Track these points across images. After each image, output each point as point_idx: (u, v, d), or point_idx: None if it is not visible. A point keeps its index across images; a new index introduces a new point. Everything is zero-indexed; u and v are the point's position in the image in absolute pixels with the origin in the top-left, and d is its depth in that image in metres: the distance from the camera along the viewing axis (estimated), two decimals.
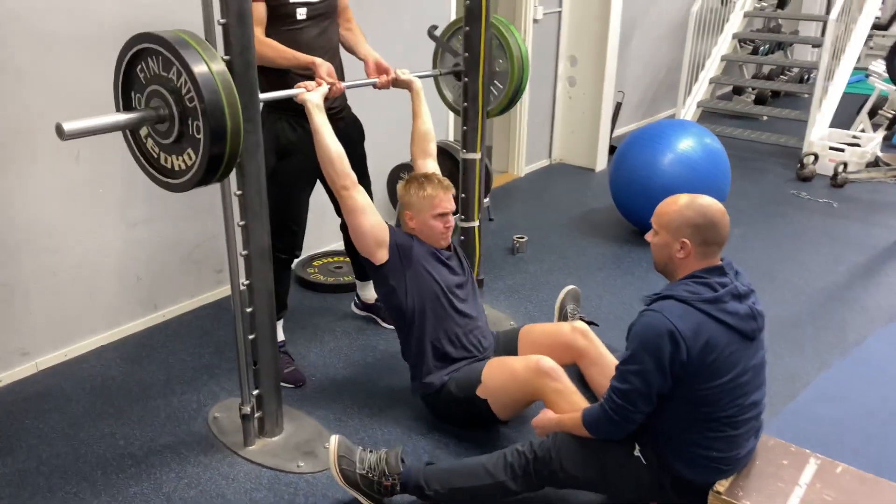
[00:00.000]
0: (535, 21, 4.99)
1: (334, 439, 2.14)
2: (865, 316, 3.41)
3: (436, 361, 2.50)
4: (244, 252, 2.24)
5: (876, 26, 8.15)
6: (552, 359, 2.30)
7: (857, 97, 6.83)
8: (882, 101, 6.50)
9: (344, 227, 2.73)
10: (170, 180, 2.01)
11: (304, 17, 2.56)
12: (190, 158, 1.93)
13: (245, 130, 1.99)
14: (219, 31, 2.02)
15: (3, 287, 2.68)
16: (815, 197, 5.00)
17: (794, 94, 7.24)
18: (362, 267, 2.78)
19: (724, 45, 6.59)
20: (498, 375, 2.34)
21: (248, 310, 2.29)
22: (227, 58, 2.02)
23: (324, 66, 2.46)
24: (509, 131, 5.24)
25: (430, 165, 2.74)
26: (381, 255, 2.47)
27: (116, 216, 2.95)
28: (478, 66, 2.90)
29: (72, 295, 2.89)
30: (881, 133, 6.16)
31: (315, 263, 3.76)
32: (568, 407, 2.18)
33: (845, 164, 5.27)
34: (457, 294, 2.54)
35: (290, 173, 2.63)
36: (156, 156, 2.03)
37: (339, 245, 3.54)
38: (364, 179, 2.92)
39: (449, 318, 2.51)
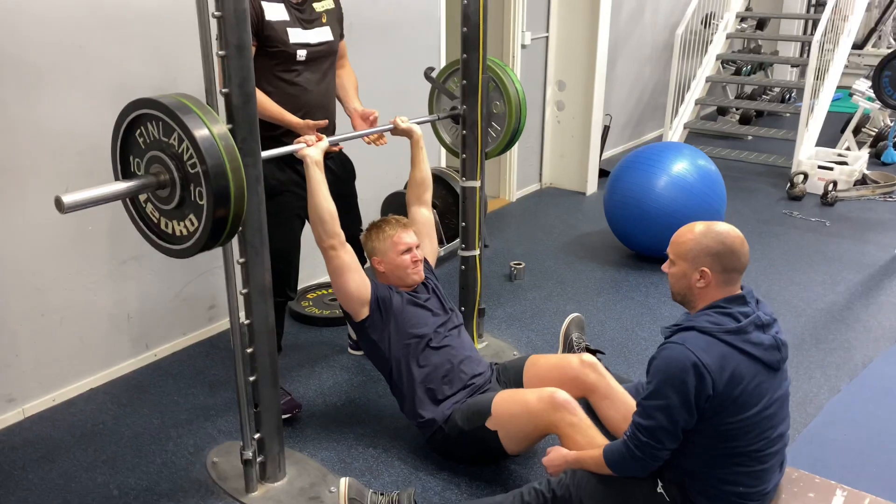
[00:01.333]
0: (523, 46, 4.98)
1: (344, 482, 2.05)
2: (869, 336, 3.37)
3: (431, 404, 2.44)
4: (244, 290, 2.16)
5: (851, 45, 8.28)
6: None
7: (839, 115, 6.90)
8: (865, 119, 6.57)
9: None
10: (172, 246, 1.95)
11: (304, 58, 2.52)
12: (192, 224, 1.87)
13: (245, 164, 1.92)
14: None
15: None
16: (806, 216, 5.01)
17: (777, 113, 7.29)
18: None
19: (708, 66, 6.63)
20: (509, 407, 2.26)
21: (249, 350, 2.20)
22: (226, 90, 1.95)
23: (308, 129, 2.42)
24: (499, 156, 5.19)
25: (423, 213, 2.75)
26: (364, 312, 2.47)
27: (105, 253, 2.85)
28: (476, 94, 2.86)
29: (60, 336, 2.78)
30: (866, 151, 6.21)
31: (309, 296, 3.67)
32: (584, 442, 2.11)
33: (835, 183, 5.29)
34: (440, 333, 2.53)
35: (279, 213, 2.55)
36: (156, 221, 1.96)
37: None
38: (354, 217, 2.88)
39: (435, 358, 2.47)
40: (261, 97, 2.42)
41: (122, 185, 1.85)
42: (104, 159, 2.17)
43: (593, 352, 2.87)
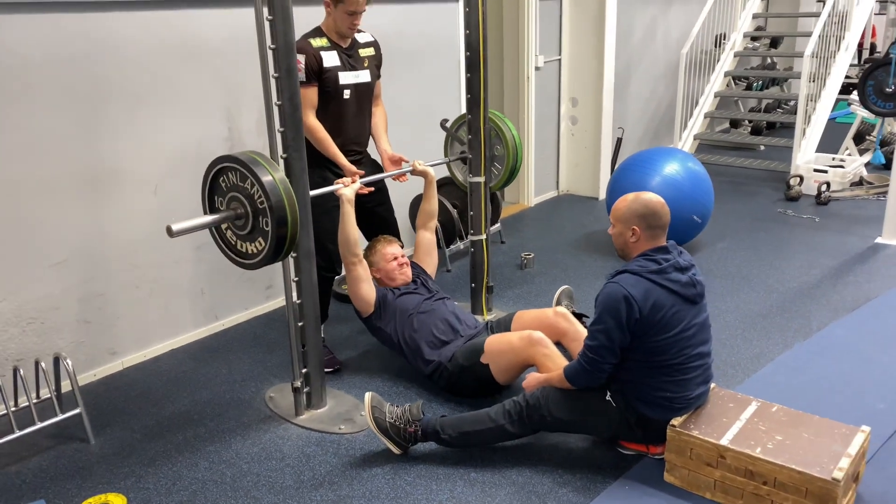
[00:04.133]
0: (538, 68, 5.63)
1: (368, 395, 2.68)
2: (829, 308, 3.87)
3: (434, 350, 3.08)
4: (294, 254, 2.83)
5: (874, 60, 8.69)
6: None
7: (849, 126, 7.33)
8: (870, 127, 7.01)
9: None
10: (245, 261, 2.66)
11: (349, 95, 3.24)
12: (261, 244, 2.57)
13: (291, 158, 2.63)
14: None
15: (98, 297, 3.29)
16: (799, 213, 5.50)
17: (789, 124, 7.75)
18: None
19: (716, 82, 7.17)
20: (498, 346, 2.89)
21: (298, 301, 2.87)
22: (279, 103, 2.64)
23: (351, 173, 3.14)
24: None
25: (427, 236, 3.54)
26: (369, 310, 3.23)
27: (185, 238, 3.56)
28: (478, 107, 3.51)
29: (151, 305, 3.50)
30: (867, 156, 6.65)
31: None
32: (554, 367, 2.71)
33: (828, 184, 5.76)
34: (427, 303, 3.24)
35: (324, 204, 3.19)
36: (233, 243, 2.67)
37: None
38: (388, 210, 3.57)
39: (426, 318, 3.16)
40: (327, 139, 3.16)
41: (213, 217, 2.58)
42: (186, 165, 2.83)
43: (579, 315, 3.46)
